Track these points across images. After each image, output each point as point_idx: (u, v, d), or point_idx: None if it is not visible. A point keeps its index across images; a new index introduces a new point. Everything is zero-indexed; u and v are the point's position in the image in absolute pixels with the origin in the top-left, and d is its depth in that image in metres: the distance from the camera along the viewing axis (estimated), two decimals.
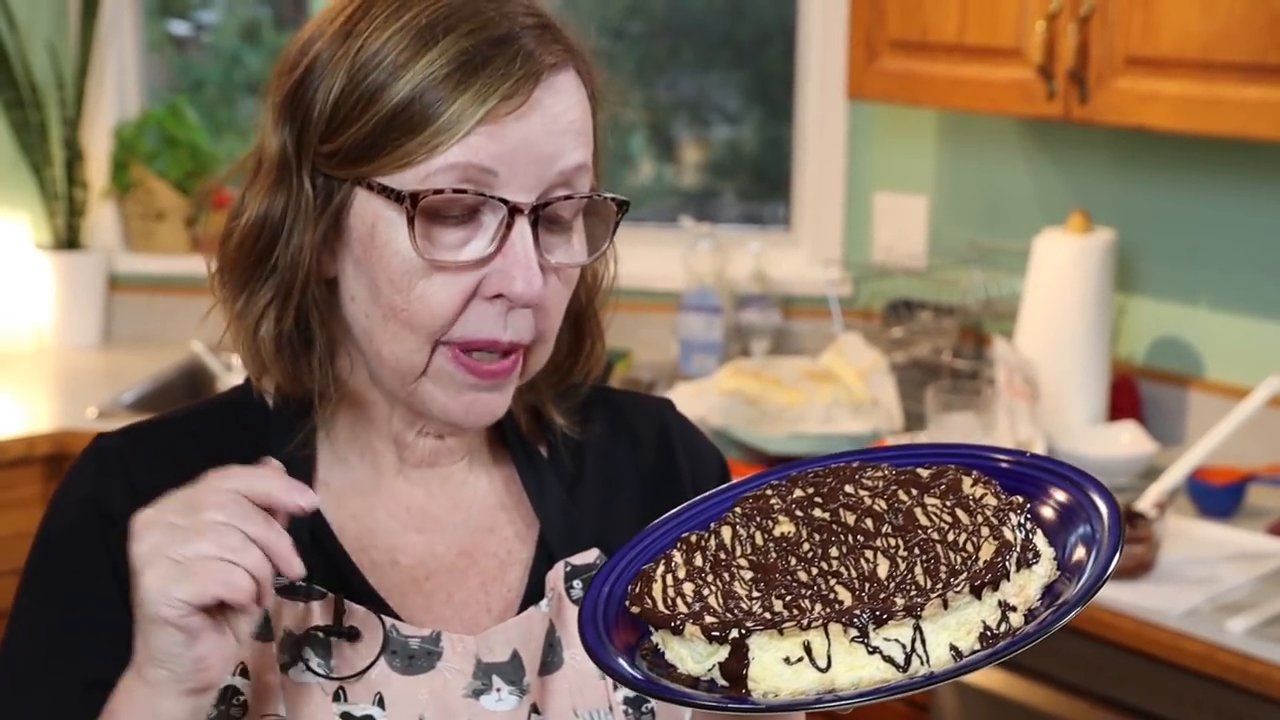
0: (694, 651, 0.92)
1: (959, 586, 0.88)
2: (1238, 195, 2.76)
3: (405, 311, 1.04)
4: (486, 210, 1.03)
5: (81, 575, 1.11)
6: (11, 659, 1.14)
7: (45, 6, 3.40)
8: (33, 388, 3.16)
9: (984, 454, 1.04)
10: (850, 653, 0.88)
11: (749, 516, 1.00)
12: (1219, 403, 2.72)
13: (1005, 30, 2.64)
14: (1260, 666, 2.03)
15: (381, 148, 1.02)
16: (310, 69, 1.05)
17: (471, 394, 1.06)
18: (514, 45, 1.02)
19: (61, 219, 3.39)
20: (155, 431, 1.17)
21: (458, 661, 1.10)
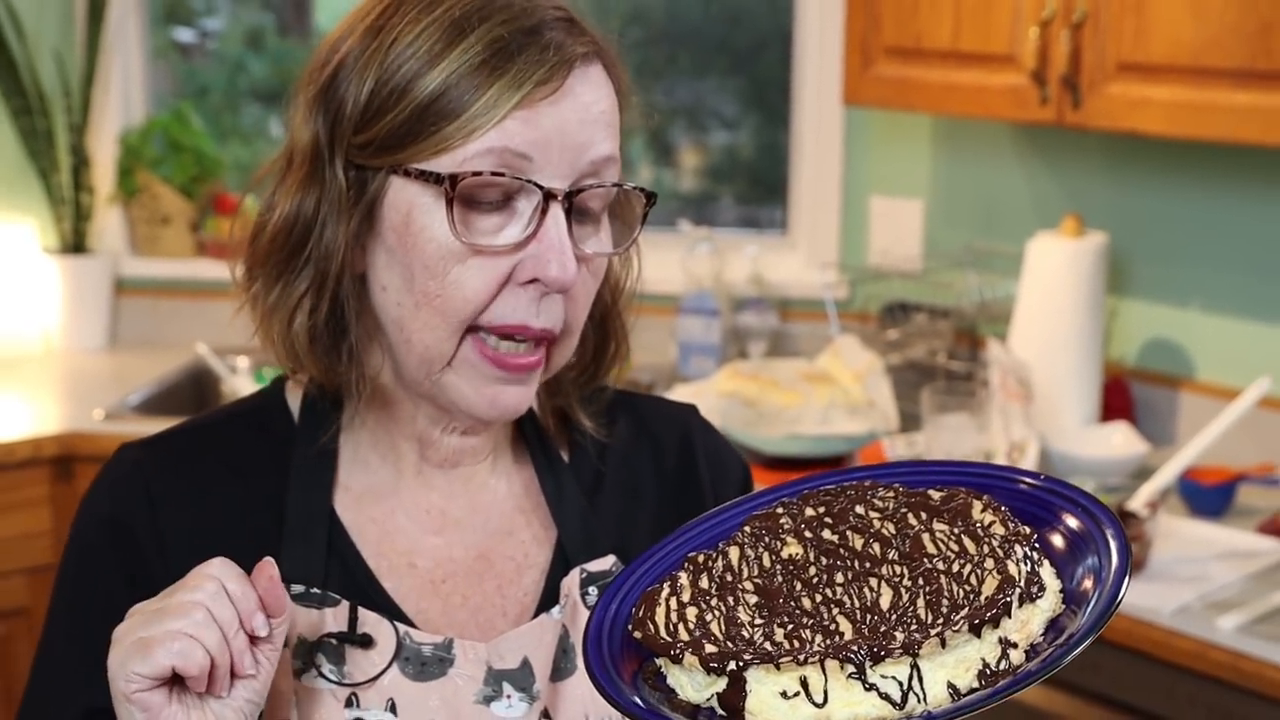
0: (693, 680, 0.91)
1: (958, 625, 0.86)
2: (1228, 199, 2.76)
3: (439, 298, 1.03)
4: (521, 196, 1.03)
5: (95, 595, 1.12)
6: (36, 674, 1.15)
7: (52, 15, 3.41)
8: (40, 390, 3.16)
9: (1003, 475, 1.02)
10: (847, 689, 0.86)
11: (758, 536, 0.98)
12: (1210, 404, 2.73)
13: (999, 37, 2.64)
14: (1251, 664, 2.03)
15: (418, 134, 1.02)
16: (341, 65, 1.06)
17: (496, 387, 1.06)
18: (545, 35, 1.04)
19: (68, 224, 3.39)
20: (176, 440, 1.17)
21: (469, 668, 1.10)
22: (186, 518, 1.11)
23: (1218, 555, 2.35)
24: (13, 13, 3.26)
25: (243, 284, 1.11)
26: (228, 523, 1.11)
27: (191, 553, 1.08)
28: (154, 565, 1.10)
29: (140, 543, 1.10)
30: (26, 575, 2.82)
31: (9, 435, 2.84)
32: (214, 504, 1.12)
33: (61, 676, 1.12)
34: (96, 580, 1.12)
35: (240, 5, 3.93)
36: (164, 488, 1.12)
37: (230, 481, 1.13)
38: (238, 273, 1.11)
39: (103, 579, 1.11)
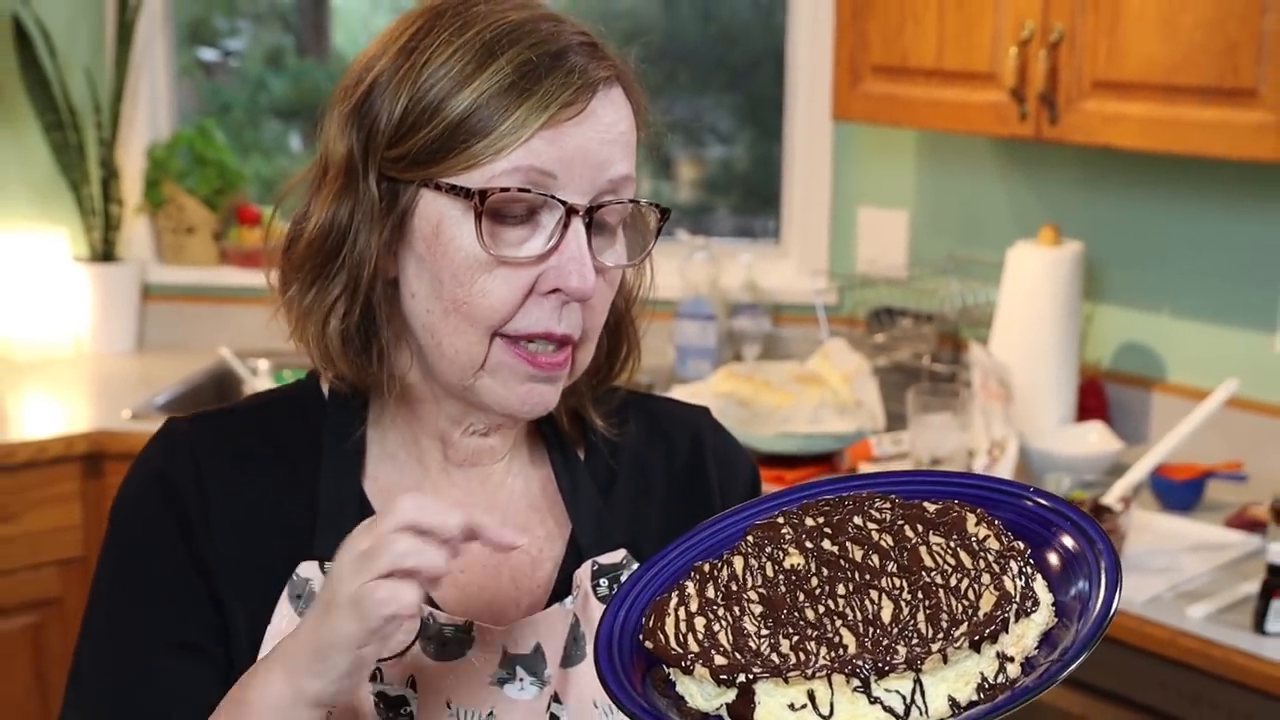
0: (703, 690, 0.90)
1: (959, 642, 0.86)
2: (1197, 210, 2.76)
3: (467, 305, 1.04)
4: (545, 211, 1.04)
5: (150, 541, 1.11)
6: (91, 626, 1.13)
7: (83, 35, 3.41)
8: (71, 391, 3.16)
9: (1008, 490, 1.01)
10: (852, 701, 0.86)
11: (760, 546, 0.98)
12: (1180, 404, 2.73)
13: (980, 56, 2.64)
14: (1219, 650, 2.04)
15: (449, 150, 1.03)
16: (375, 83, 1.06)
17: (528, 385, 1.07)
18: (569, 59, 1.05)
19: (98, 233, 3.39)
20: (221, 419, 1.17)
21: (485, 651, 1.10)
22: (229, 490, 1.11)
23: (1188, 548, 2.35)
24: (46, 33, 3.26)
25: (278, 290, 1.12)
26: (266, 500, 1.12)
27: (232, 527, 1.10)
28: (198, 525, 1.10)
29: (187, 501, 1.10)
30: (58, 567, 2.82)
31: (42, 434, 2.84)
32: (254, 481, 1.12)
33: (124, 620, 1.11)
34: (149, 526, 1.11)
35: (261, 26, 3.94)
36: (210, 458, 1.12)
37: (270, 462, 1.13)
38: (272, 279, 1.12)
39: (155, 524, 1.11)
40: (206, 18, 3.81)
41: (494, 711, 1.10)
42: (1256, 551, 2.30)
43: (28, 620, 2.80)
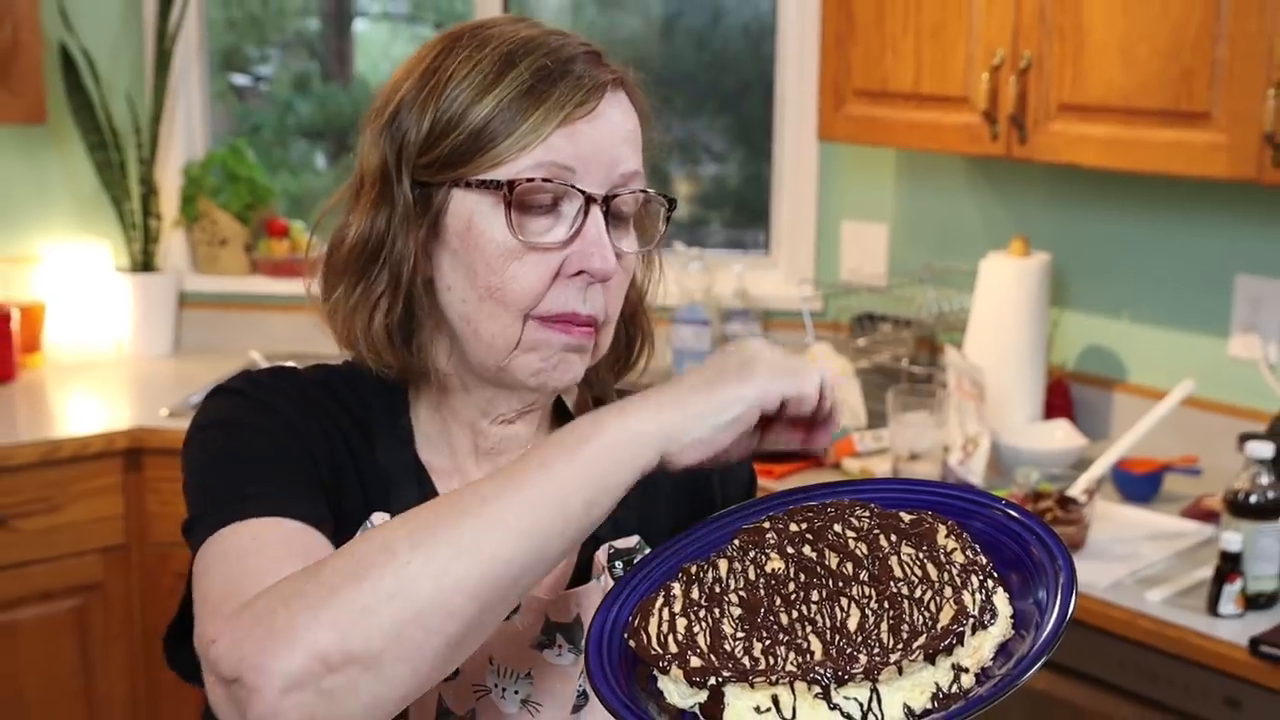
0: (679, 689, 0.90)
1: (914, 655, 0.86)
2: (1155, 223, 2.76)
3: (500, 290, 1.06)
4: (566, 202, 1.06)
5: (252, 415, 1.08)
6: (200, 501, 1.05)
7: (125, 62, 3.41)
8: (113, 391, 3.16)
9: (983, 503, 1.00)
10: (813, 707, 0.86)
11: (744, 550, 0.98)
12: (1139, 403, 2.73)
13: (955, 81, 2.65)
14: (1175, 630, 2.04)
15: (477, 151, 1.05)
16: (401, 102, 1.09)
17: (560, 354, 1.08)
18: (578, 65, 1.07)
19: (138, 245, 3.40)
20: (288, 373, 1.15)
21: (530, 617, 1.11)
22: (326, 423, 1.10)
23: (1146, 536, 2.35)
24: (90, 60, 3.27)
25: (321, 297, 1.13)
26: (346, 448, 1.11)
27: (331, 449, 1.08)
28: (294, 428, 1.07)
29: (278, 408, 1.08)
30: (101, 554, 2.83)
31: (85, 430, 2.85)
32: (334, 429, 1.11)
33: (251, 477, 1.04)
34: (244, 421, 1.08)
35: (289, 54, 3.94)
36: (288, 390, 1.11)
37: (344, 416, 1.12)
38: (313, 289, 1.13)
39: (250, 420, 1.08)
40: (238, 46, 3.82)
41: (531, 672, 1.11)
42: (1210, 540, 2.30)
43: (73, 603, 2.80)
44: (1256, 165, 2.22)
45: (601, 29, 3.65)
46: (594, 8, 3.67)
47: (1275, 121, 2.16)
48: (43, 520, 2.77)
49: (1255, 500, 2.06)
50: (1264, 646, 1.94)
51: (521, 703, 1.10)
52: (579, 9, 3.66)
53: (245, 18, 3.79)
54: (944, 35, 2.65)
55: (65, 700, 2.81)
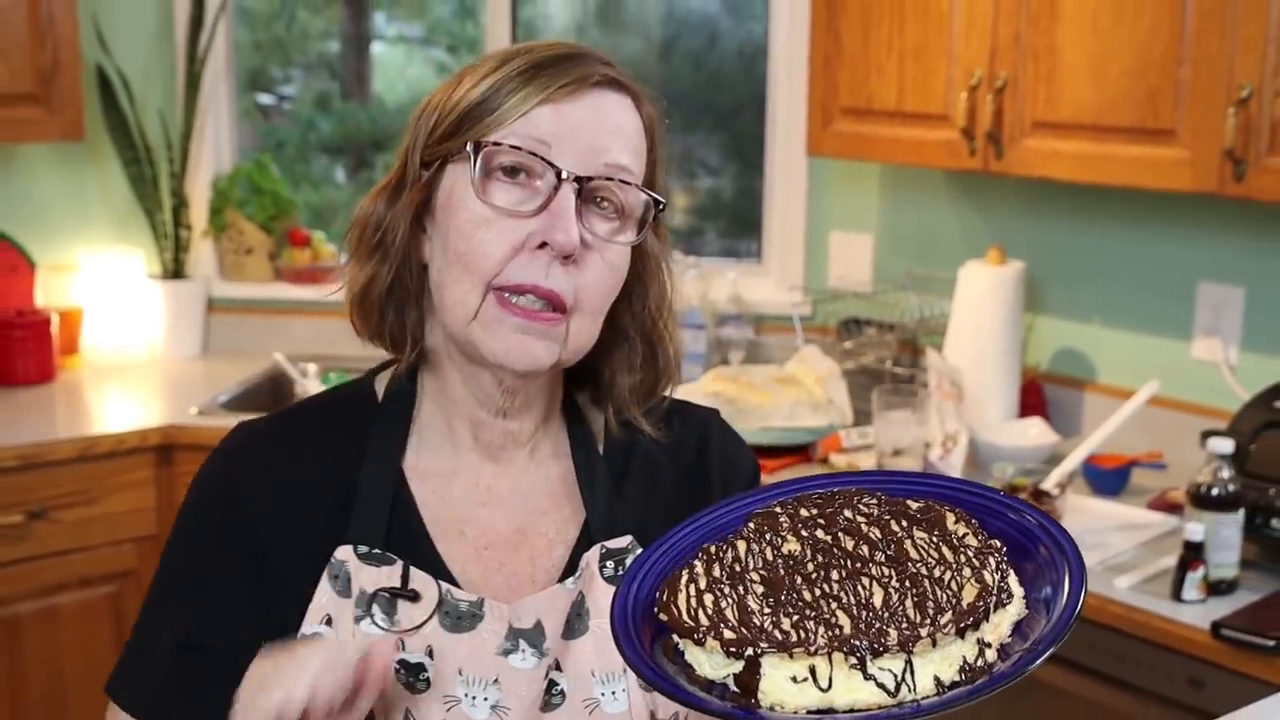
0: (712, 660, 0.89)
1: (947, 628, 0.85)
2: (1123, 233, 2.77)
3: (466, 255, 1.04)
4: (540, 179, 1.04)
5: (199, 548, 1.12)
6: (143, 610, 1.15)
7: (157, 82, 3.42)
8: (146, 391, 3.16)
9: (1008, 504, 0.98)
10: (849, 677, 0.84)
11: (760, 532, 0.95)
12: (1108, 402, 2.73)
13: (935, 100, 2.65)
14: (1142, 615, 2.04)
15: (467, 127, 1.05)
16: (429, 102, 1.10)
17: (516, 336, 1.05)
18: (578, 60, 1.07)
19: (169, 254, 3.40)
20: (280, 422, 1.17)
21: (494, 624, 1.09)
22: (282, 489, 1.11)
23: (1115, 527, 2.35)
24: (125, 81, 3.27)
25: (341, 270, 1.14)
26: (314, 493, 1.11)
27: (283, 520, 1.10)
28: (257, 527, 1.10)
29: (244, 507, 1.11)
30: (134, 543, 2.83)
31: (120, 428, 2.85)
32: (303, 477, 1.12)
33: (159, 614, 1.12)
34: (201, 535, 1.12)
35: (311, 75, 3.95)
36: (266, 460, 1.12)
37: (318, 458, 1.13)
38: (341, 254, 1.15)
39: (206, 534, 1.11)
40: (264, 67, 3.82)
41: (499, 678, 1.08)
42: (1175, 530, 2.30)
43: (109, 589, 2.81)
44: (1218, 179, 2.22)
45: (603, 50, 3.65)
46: (597, 30, 3.68)
47: (1235, 138, 2.16)
48: (81, 512, 2.77)
49: (1217, 493, 2.06)
50: (1225, 630, 1.94)
51: (491, 708, 1.08)
52: (583, 31, 3.66)
53: (270, 40, 3.80)
54: (925, 57, 2.65)
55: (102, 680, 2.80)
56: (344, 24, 3.89)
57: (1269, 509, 2.09)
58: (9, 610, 2.71)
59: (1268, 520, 2.10)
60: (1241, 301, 2.59)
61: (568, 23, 3.65)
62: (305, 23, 3.84)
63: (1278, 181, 2.15)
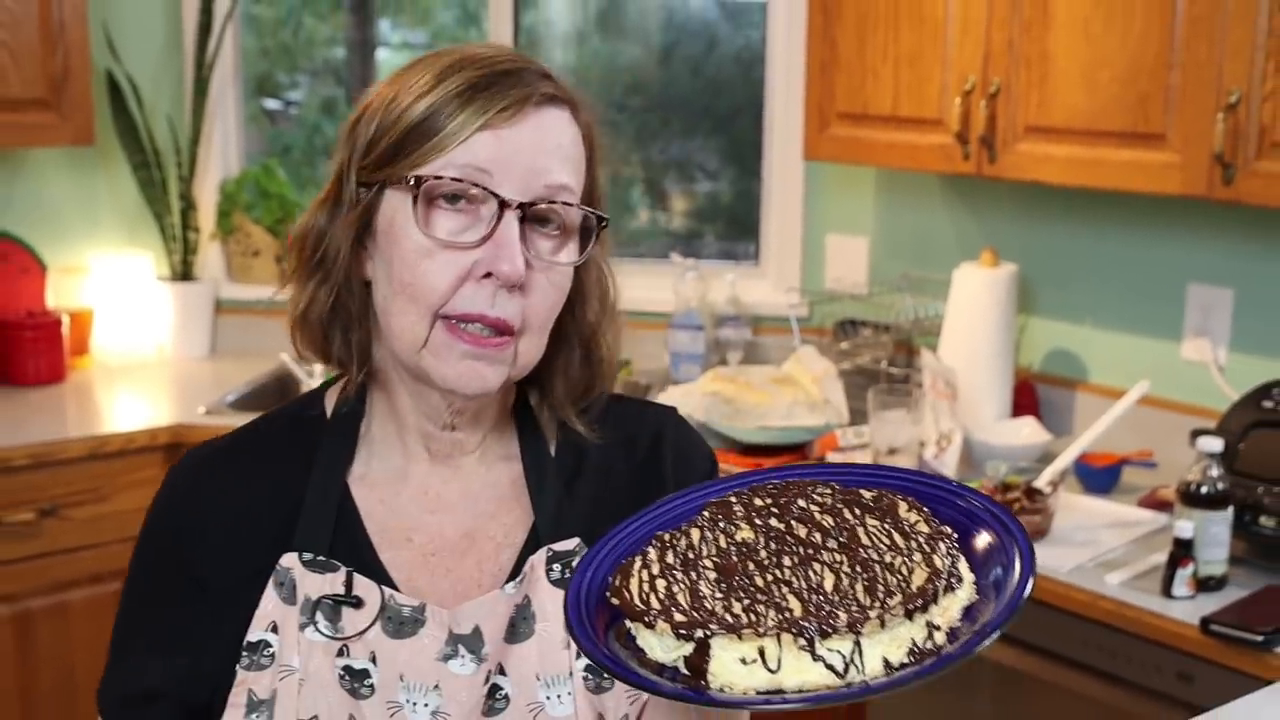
0: (663, 643, 0.88)
1: (895, 609, 0.84)
2: (1114, 236, 2.77)
3: (411, 286, 1.02)
4: (482, 206, 1.02)
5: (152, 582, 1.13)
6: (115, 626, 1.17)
7: (166, 88, 3.42)
8: (155, 390, 3.17)
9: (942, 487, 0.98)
10: (798, 658, 0.84)
11: (714, 520, 0.95)
12: (1100, 402, 2.73)
13: (930, 105, 2.65)
14: (1132, 611, 2.04)
15: (406, 153, 1.02)
16: (364, 110, 1.07)
17: (466, 362, 1.03)
18: (516, 76, 1.03)
19: (178, 256, 3.40)
20: (226, 442, 1.16)
21: (435, 630, 1.07)
22: (226, 509, 1.11)
23: (1106, 524, 2.36)
24: (134, 86, 3.27)
25: (282, 282, 1.13)
26: (258, 509, 1.10)
27: (228, 538, 1.09)
28: (195, 550, 1.10)
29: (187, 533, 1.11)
30: None
31: (130, 426, 2.85)
32: (249, 494, 1.11)
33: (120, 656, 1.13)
34: (148, 563, 1.13)
35: (317, 80, 3.95)
36: (210, 485, 1.12)
37: (264, 473, 1.12)
38: (281, 274, 1.14)
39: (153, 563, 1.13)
40: (270, 73, 3.82)
41: (439, 684, 1.06)
42: (1165, 528, 2.30)
43: (119, 586, 2.78)
44: (1207, 183, 2.22)
45: (605, 57, 3.65)
46: (598, 37, 3.68)
47: (1224, 143, 2.17)
48: (91, 509, 2.78)
49: (1206, 491, 2.06)
50: (1214, 625, 1.94)
51: (431, 714, 1.06)
52: (584, 38, 3.67)
53: (277, 47, 3.80)
54: (920, 63, 2.65)
55: None
56: (349, 31, 3.89)
57: (1257, 507, 2.10)
58: (21, 606, 2.71)
59: (1256, 518, 2.10)
60: (1230, 303, 2.59)
61: (569, 29, 3.66)
62: (311, 29, 3.84)
63: (1266, 185, 2.15)
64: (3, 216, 3.25)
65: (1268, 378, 2.32)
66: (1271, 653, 1.89)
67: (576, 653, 1.06)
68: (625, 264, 3.52)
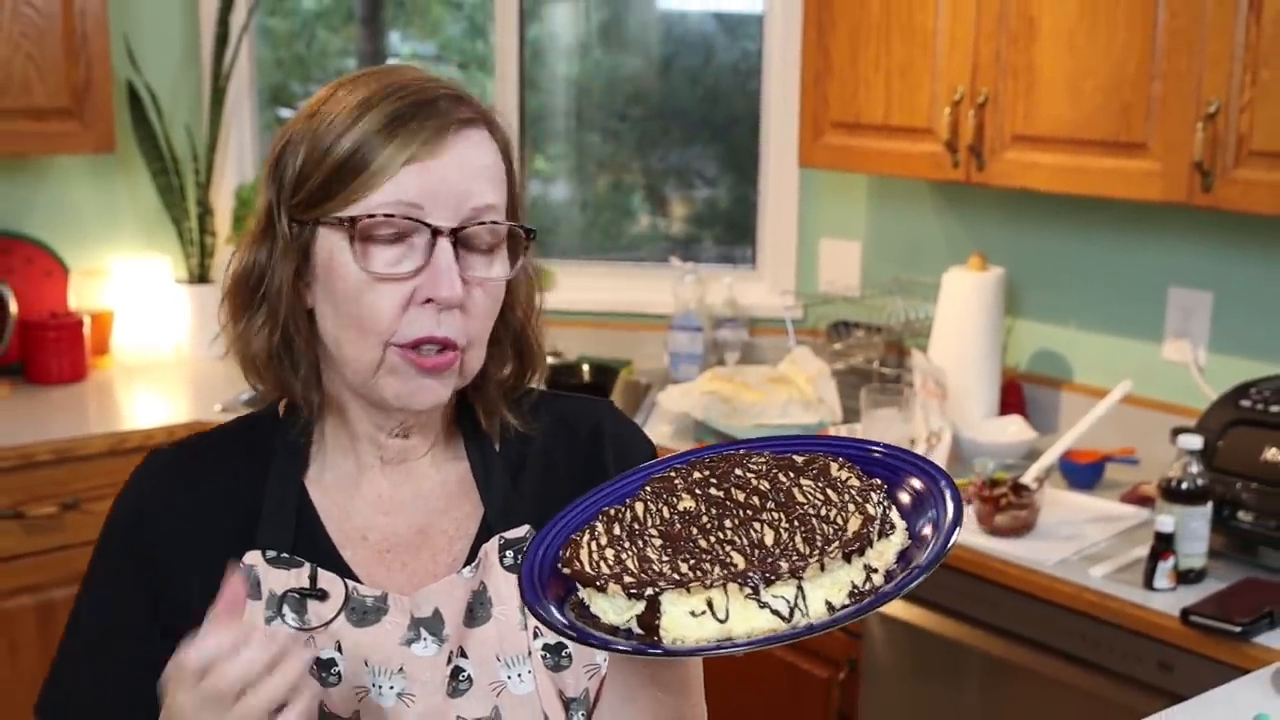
0: (615, 606, 0.89)
1: (833, 553, 0.85)
2: (1098, 241, 2.77)
3: (359, 319, 1.03)
4: (415, 235, 1.02)
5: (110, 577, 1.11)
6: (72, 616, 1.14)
7: (184, 97, 3.42)
8: (173, 389, 3.17)
9: (856, 445, 0.99)
10: (745, 607, 0.85)
11: (657, 494, 0.96)
12: (1084, 401, 2.73)
13: (920, 114, 2.65)
14: (1115, 603, 2.04)
15: (334, 192, 1.02)
16: (287, 143, 1.06)
17: (418, 381, 1.05)
18: (433, 105, 1.03)
19: (195, 259, 3.40)
20: (189, 445, 1.16)
21: (397, 616, 1.08)
22: (187, 510, 1.11)
23: (1090, 519, 2.35)
24: (154, 96, 3.27)
25: (220, 314, 1.12)
26: (218, 510, 1.10)
27: (187, 539, 1.09)
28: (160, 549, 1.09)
29: (148, 531, 1.10)
30: None
31: (148, 424, 2.85)
32: (209, 496, 1.11)
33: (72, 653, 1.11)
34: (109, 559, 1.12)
35: None
36: (169, 485, 1.12)
37: (224, 477, 1.12)
38: (221, 315, 1.12)
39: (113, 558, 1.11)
40: (285, 83, 3.82)
41: (403, 667, 1.07)
42: (1146, 522, 2.30)
43: None
44: (1187, 190, 2.22)
45: (607, 68, 3.65)
46: (600, 49, 3.68)
47: (1204, 151, 2.16)
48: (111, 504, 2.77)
49: (1186, 487, 2.06)
50: (1193, 616, 1.94)
51: (397, 696, 1.07)
52: (587, 50, 3.67)
53: (291, 58, 3.80)
54: (911, 74, 2.65)
55: None
56: (361, 42, 3.89)
57: (1235, 502, 2.09)
58: (44, 596, 2.71)
59: (1234, 512, 2.10)
60: (1210, 305, 2.59)
61: (572, 41, 3.65)
62: (324, 41, 3.84)
63: (1244, 192, 2.15)
64: (27, 221, 3.25)
65: (1246, 377, 2.32)
66: (1249, 643, 1.89)
67: (534, 633, 1.08)
68: (626, 267, 3.53)
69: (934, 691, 2.30)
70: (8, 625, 2.68)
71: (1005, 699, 2.20)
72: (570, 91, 3.63)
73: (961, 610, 2.25)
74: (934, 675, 2.30)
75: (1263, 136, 2.11)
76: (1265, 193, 2.12)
